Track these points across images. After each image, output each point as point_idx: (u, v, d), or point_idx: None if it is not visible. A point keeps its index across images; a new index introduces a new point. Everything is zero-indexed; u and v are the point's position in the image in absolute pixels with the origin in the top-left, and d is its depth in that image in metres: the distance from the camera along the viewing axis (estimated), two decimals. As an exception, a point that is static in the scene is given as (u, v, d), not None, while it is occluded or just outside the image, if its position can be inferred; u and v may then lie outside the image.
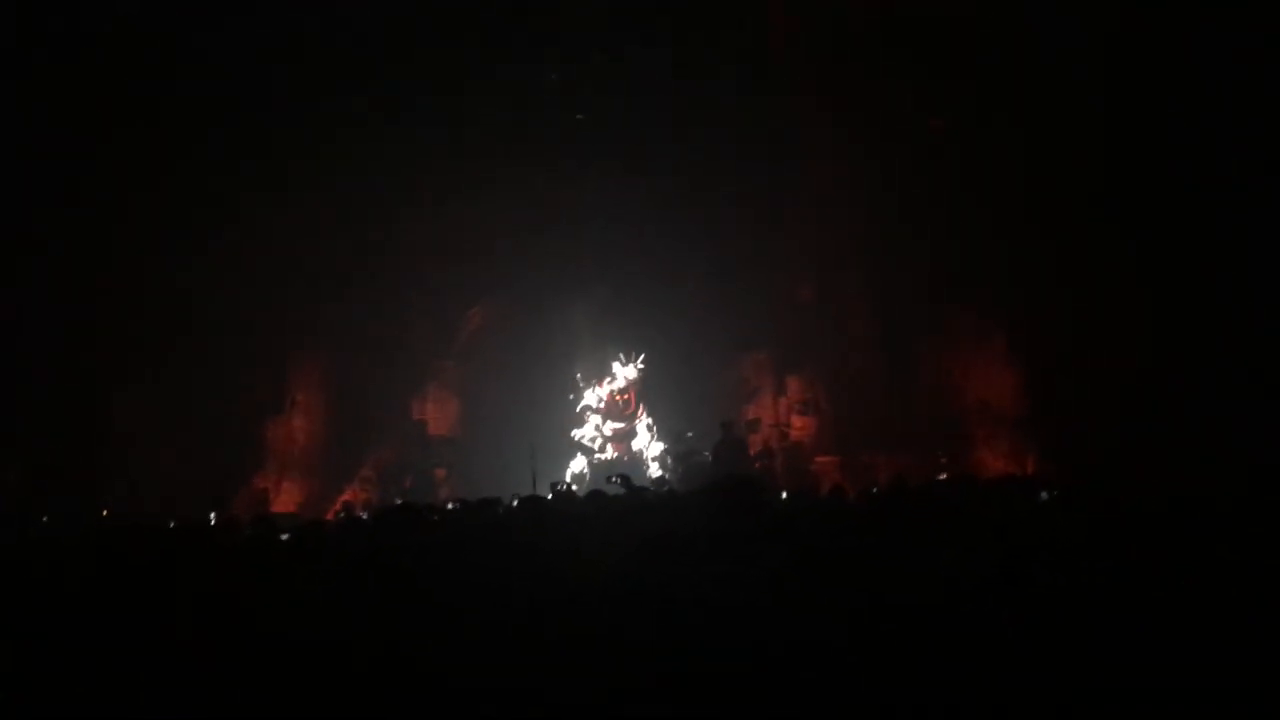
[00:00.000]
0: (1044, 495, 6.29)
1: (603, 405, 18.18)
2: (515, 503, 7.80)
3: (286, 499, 16.50)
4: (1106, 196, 13.60)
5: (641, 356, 18.06)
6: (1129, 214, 13.39)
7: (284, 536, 6.17)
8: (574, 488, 16.19)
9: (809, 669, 2.79)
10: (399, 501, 12.30)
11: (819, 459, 16.48)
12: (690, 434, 17.02)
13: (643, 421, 18.07)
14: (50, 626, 3.46)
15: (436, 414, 18.11)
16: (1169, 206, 12.99)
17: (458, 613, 3.29)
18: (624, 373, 18.18)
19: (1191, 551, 3.51)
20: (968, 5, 14.55)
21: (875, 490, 8.55)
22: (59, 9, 14.71)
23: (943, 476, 14.47)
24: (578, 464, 17.83)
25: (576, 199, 17.10)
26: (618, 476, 9.43)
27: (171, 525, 7.88)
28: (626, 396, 18.20)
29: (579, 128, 17.10)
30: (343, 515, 12.34)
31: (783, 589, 3.16)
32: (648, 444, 17.97)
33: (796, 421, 17.21)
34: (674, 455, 17.24)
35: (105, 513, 13.92)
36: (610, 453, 17.91)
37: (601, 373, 18.34)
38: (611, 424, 18.09)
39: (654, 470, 17.50)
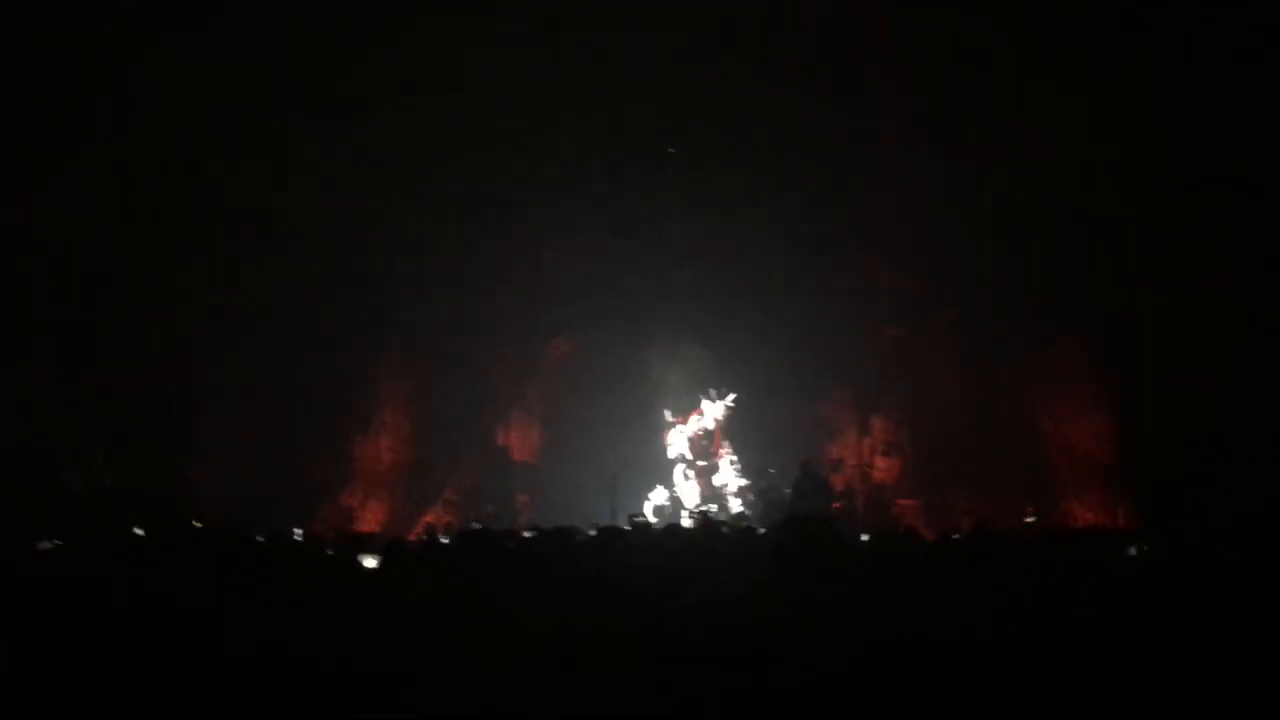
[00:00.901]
0: (1132, 550, 6.12)
1: (689, 443, 18.20)
2: (593, 532, 7.84)
3: (370, 518, 16.81)
4: (1203, 235, 13.23)
5: (731, 396, 18.02)
6: (1231, 254, 13.02)
7: (367, 561, 6.30)
8: (654, 520, 16.19)
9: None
10: (476, 526, 12.44)
11: (900, 501, 16.23)
12: (772, 470, 16.89)
13: (726, 458, 18.00)
14: (143, 629, 3.59)
15: (520, 441, 18.31)
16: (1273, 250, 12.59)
17: (519, 636, 3.34)
18: (712, 411, 18.14)
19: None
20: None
21: (955, 536, 8.37)
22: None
23: (1029, 520, 14.16)
24: (658, 496, 17.83)
25: (665, 236, 17.26)
26: (696, 512, 9.40)
27: (259, 538, 8.10)
28: (712, 435, 18.18)
29: (669, 163, 17.26)
30: (424, 537, 12.52)
31: (845, 629, 3.14)
32: (730, 479, 17.88)
33: (880, 462, 16.99)
34: (755, 492, 17.13)
35: (198, 524, 14.31)
36: (695, 488, 17.88)
37: (688, 408, 18.35)
38: (697, 461, 18.09)
39: (735, 506, 17.41)
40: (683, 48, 16.35)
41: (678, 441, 18.11)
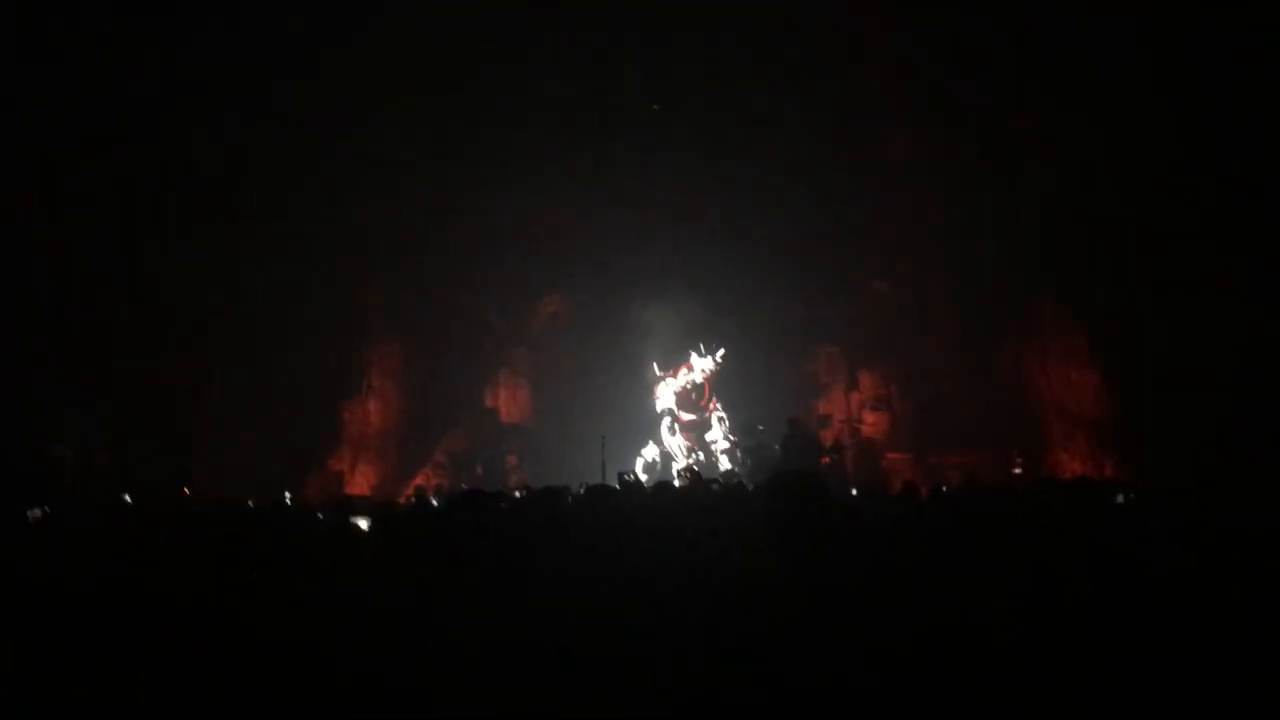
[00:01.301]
0: (1120, 499, 6.13)
1: (676, 396, 18.22)
2: (581, 491, 7.84)
3: (361, 481, 16.85)
4: (1197, 192, 13.21)
5: (721, 351, 18.03)
6: (1220, 211, 13.00)
7: (360, 522, 6.29)
8: (645, 477, 16.24)
9: (862, 672, 2.76)
10: (465, 488, 12.46)
11: (889, 456, 16.32)
12: (761, 428, 16.93)
13: (715, 414, 18.04)
14: (130, 600, 3.57)
15: (509, 402, 18.33)
16: (1262, 203, 12.58)
17: (510, 597, 3.33)
18: (701, 364, 18.16)
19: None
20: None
21: (945, 489, 8.39)
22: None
23: (1017, 471, 14.24)
24: (650, 451, 17.88)
25: (653, 194, 17.15)
26: (686, 471, 9.43)
27: (251, 504, 8.09)
28: (701, 388, 18.19)
29: (656, 119, 17.12)
30: (414, 500, 12.53)
31: (845, 591, 3.13)
32: (719, 437, 17.94)
33: (868, 417, 17.07)
34: (743, 449, 17.19)
35: (188, 491, 14.35)
36: (682, 442, 17.92)
37: (677, 364, 18.36)
38: (685, 414, 18.10)
39: (724, 464, 17.46)
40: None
41: (665, 395, 18.14)
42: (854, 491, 9.49)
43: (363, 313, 17.27)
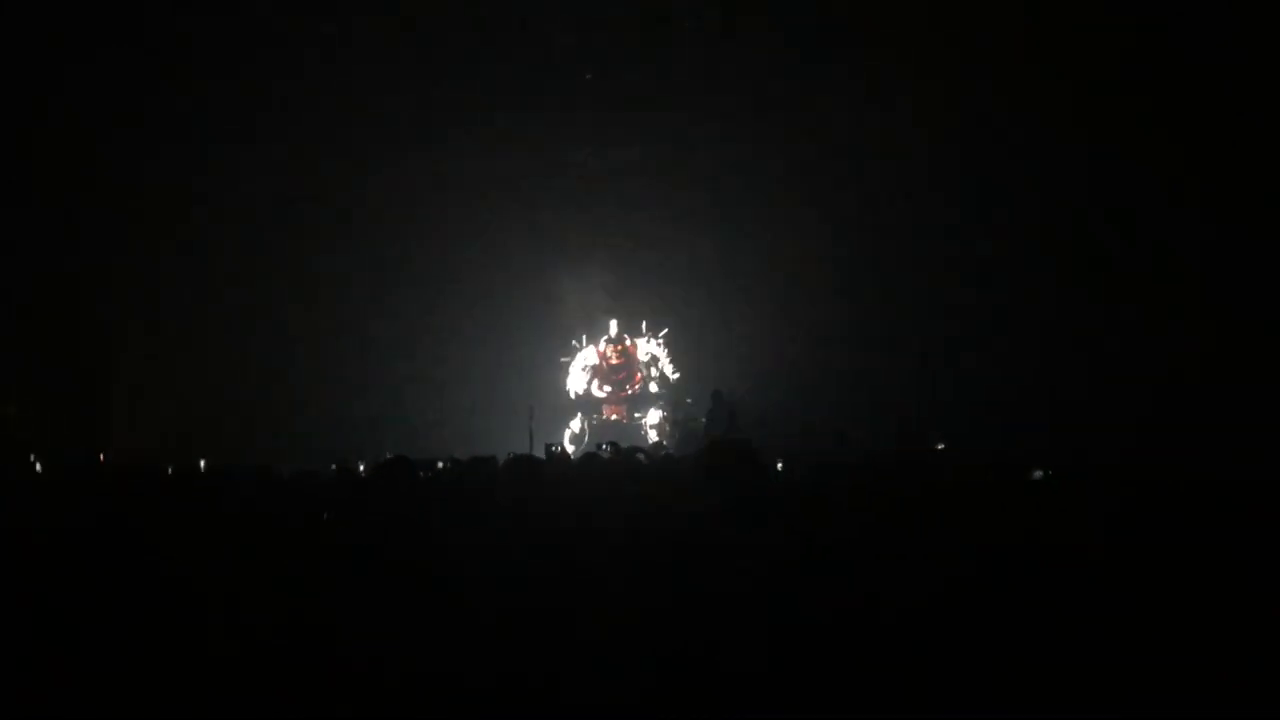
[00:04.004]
0: (1037, 474, 6.25)
1: (599, 366, 18.21)
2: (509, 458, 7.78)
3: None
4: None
5: (664, 331, 18.02)
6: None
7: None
8: (572, 448, 16.22)
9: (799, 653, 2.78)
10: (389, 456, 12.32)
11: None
12: (689, 400, 17.01)
13: (647, 388, 18.06)
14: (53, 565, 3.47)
15: (436, 371, 18.09)
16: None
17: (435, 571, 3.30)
18: (645, 349, 18.10)
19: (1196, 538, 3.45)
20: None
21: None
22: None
23: (940, 448, 14.46)
24: (576, 424, 17.86)
25: (579, 165, 17.07)
26: (607, 444, 9.45)
27: (170, 470, 7.91)
28: (619, 357, 18.15)
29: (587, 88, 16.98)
30: (335, 467, 12.37)
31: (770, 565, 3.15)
32: (647, 412, 18.02)
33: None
34: (671, 422, 17.27)
35: (103, 457, 13.98)
36: (609, 417, 17.93)
37: (599, 334, 18.33)
38: (604, 386, 18.10)
39: (652, 436, 17.53)
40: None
41: (577, 377, 18.08)
42: (780, 465, 9.56)
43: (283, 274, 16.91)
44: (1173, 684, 2.75)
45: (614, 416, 18.02)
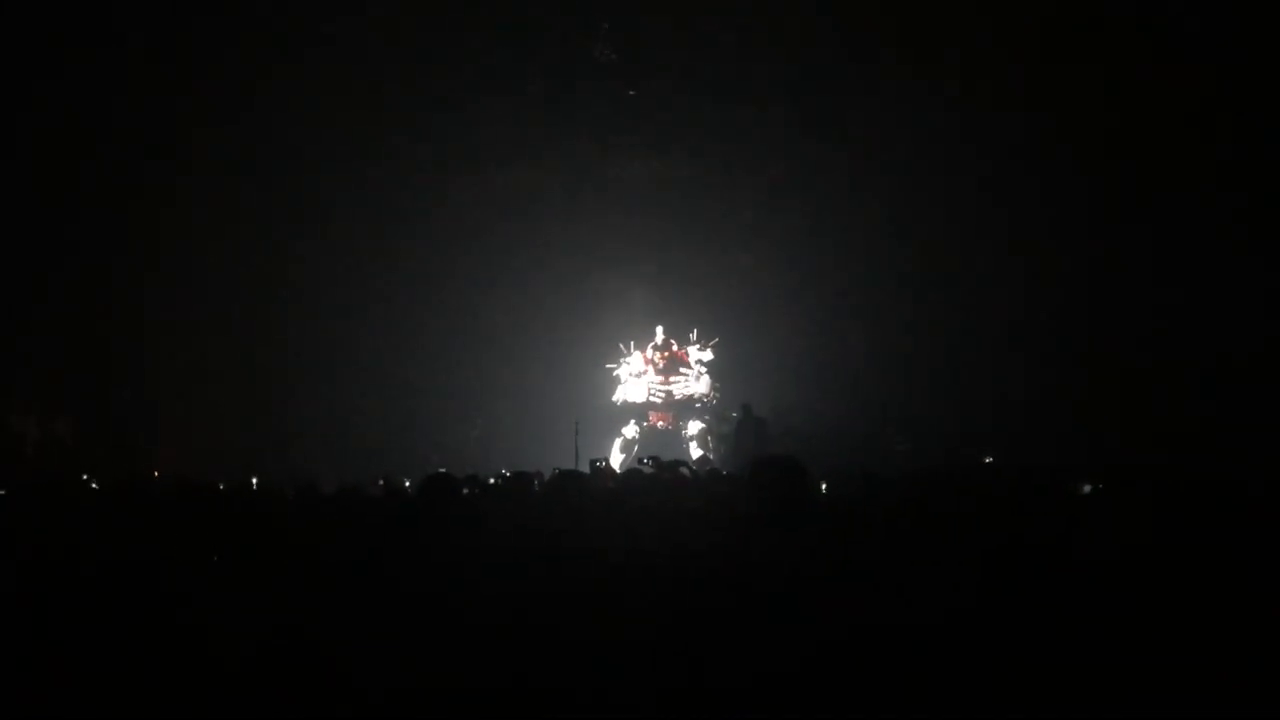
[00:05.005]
0: (1087, 489, 6.16)
1: (645, 369, 18.17)
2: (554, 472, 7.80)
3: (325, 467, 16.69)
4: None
5: (715, 340, 17.98)
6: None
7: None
8: (621, 457, 16.21)
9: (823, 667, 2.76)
10: (439, 471, 12.41)
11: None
12: (735, 414, 16.90)
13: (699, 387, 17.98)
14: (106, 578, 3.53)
15: (482, 386, 18.19)
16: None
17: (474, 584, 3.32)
18: (696, 356, 18.06)
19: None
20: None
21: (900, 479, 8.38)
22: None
23: (988, 461, 14.27)
24: (630, 430, 17.80)
25: (629, 179, 17.16)
26: (649, 458, 9.40)
27: (221, 487, 8.01)
28: (666, 356, 18.08)
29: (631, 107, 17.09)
30: (382, 483, 12.48)
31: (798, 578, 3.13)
32: (694, 424, 17.92)
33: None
34: (716, 436, 17.16)
35: (156, 474, 14.21)
36: (656, 424, 17.85)
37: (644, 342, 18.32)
38: (656, 386, 18.00)
39: (693, 449, 17.44)
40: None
41: (627, 384, 18.04)
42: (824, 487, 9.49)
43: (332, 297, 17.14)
44: (1226, 695, 2.70)
45: (661, 424, 17.92)
